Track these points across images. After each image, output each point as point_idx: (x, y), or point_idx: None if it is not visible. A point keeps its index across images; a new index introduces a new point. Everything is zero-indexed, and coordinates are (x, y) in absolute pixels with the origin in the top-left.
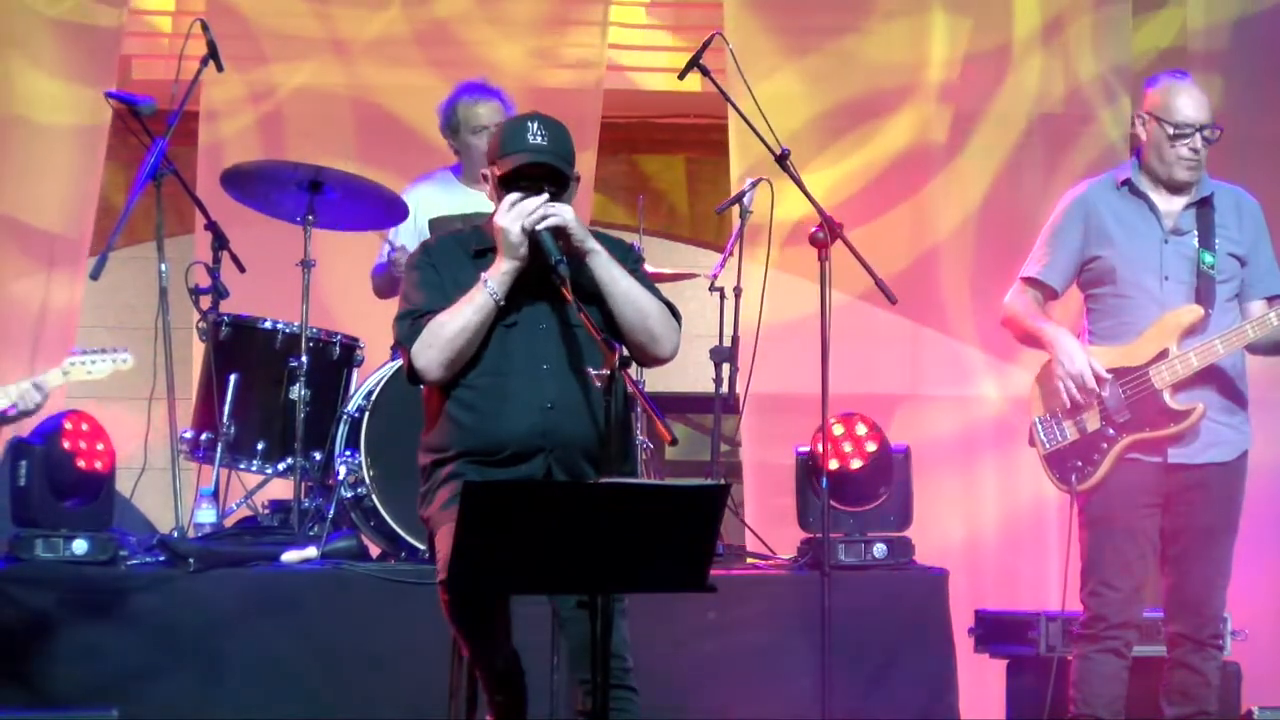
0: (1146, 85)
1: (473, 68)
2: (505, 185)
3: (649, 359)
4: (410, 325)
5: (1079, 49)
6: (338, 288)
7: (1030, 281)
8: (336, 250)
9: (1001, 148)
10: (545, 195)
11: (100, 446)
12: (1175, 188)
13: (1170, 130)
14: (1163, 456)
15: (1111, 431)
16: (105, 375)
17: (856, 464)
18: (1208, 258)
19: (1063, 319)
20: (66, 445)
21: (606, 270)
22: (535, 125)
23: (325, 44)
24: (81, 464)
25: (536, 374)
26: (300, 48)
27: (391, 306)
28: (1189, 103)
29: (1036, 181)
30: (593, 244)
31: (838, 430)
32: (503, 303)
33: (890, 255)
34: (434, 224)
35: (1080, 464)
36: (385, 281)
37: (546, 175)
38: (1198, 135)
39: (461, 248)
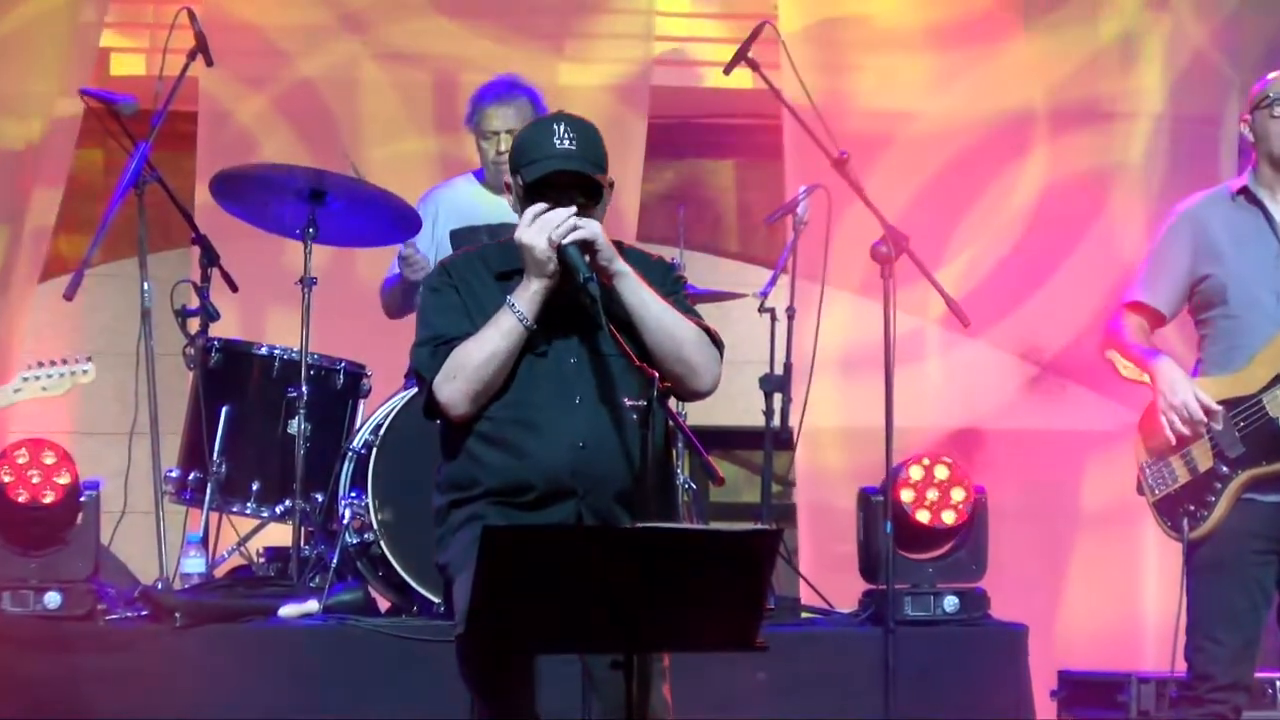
0: (1252, 91)
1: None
2: (530, 195)
3: (686, 392)
4: (430, 354)
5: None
6: (342, 309)
7: (1134, 307)
8: (340, 267)
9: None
10: (573, 209)
11: (61, 479)
12: None
13: (1268, 105)
14: None
15: (1225, 469)
16: (63, 391)
17: (949, 517)
18: None
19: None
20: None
21: (636, 294)
22: (562, 127)
23: (334, 18)
24: (20, 495)
25: (567, 407)
26: (310, 28)
27: (403, 328)
28: None
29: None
30: (620, 265)
31: (916, 474)
32: (533, 327)
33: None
34: (456, 236)
35: (1193, 508)
36: (396, 297)
37: (576, 183)
38: None
39: (485, 266)
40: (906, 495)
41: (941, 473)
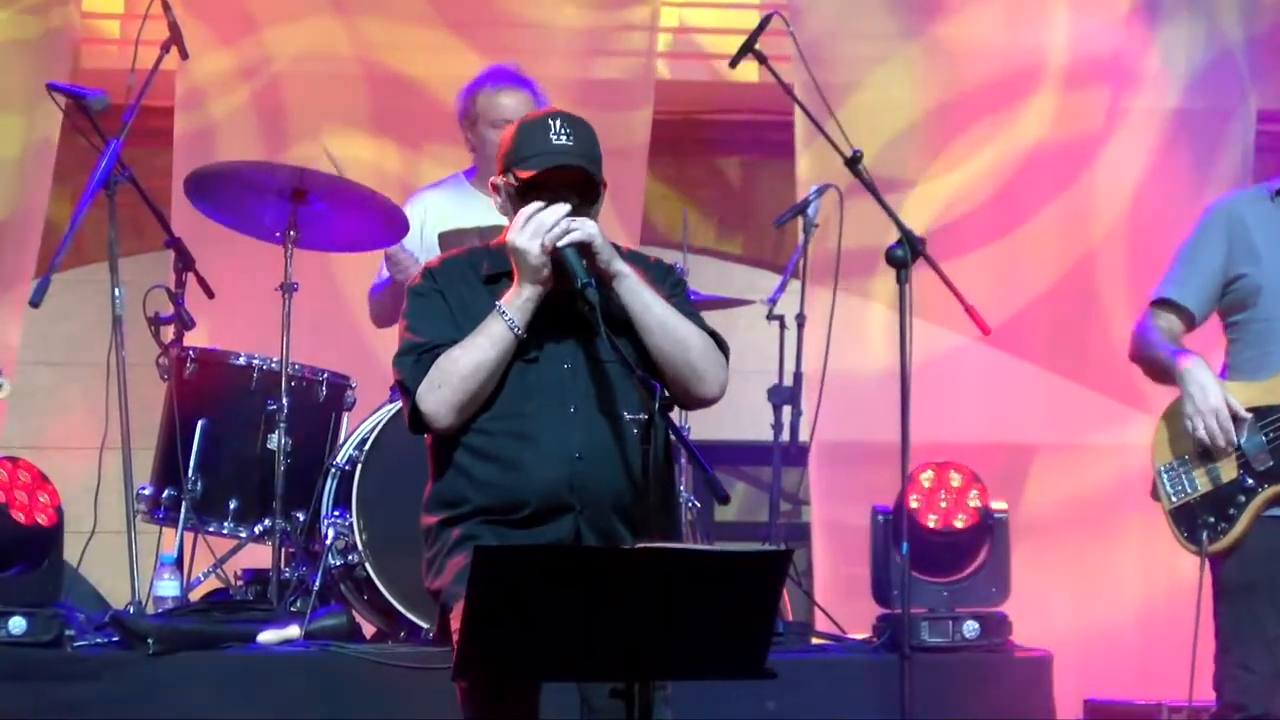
0: None
1: (495, 28)
2: (523, 195)
3: (692, 400)
4: (414, 363)
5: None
6: (325, 316)
7: (1163, 305)
8: (323, 271)
9: (1142, 142)
10: (567, 207)
11: (43, 499)
12: None
13: None
14: None
15: (1250, 482)
16: None
17: (961, 521)
18: None
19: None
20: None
21: (636, 296)
22: (558, 123)
23: (324, 3)
24: (19, 517)
25: (562, 417)
26: (295, 8)
27: (390, 337)
28: None
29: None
30: (620, 266)
31: (927, 481)
32: (524, 335)
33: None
34: (445, 239)
35: (1213, 520)
36: (385, 303)
37: (573, 182)
38: None
39: (472, 269)
40: (915, 502)
41: (956, 480)
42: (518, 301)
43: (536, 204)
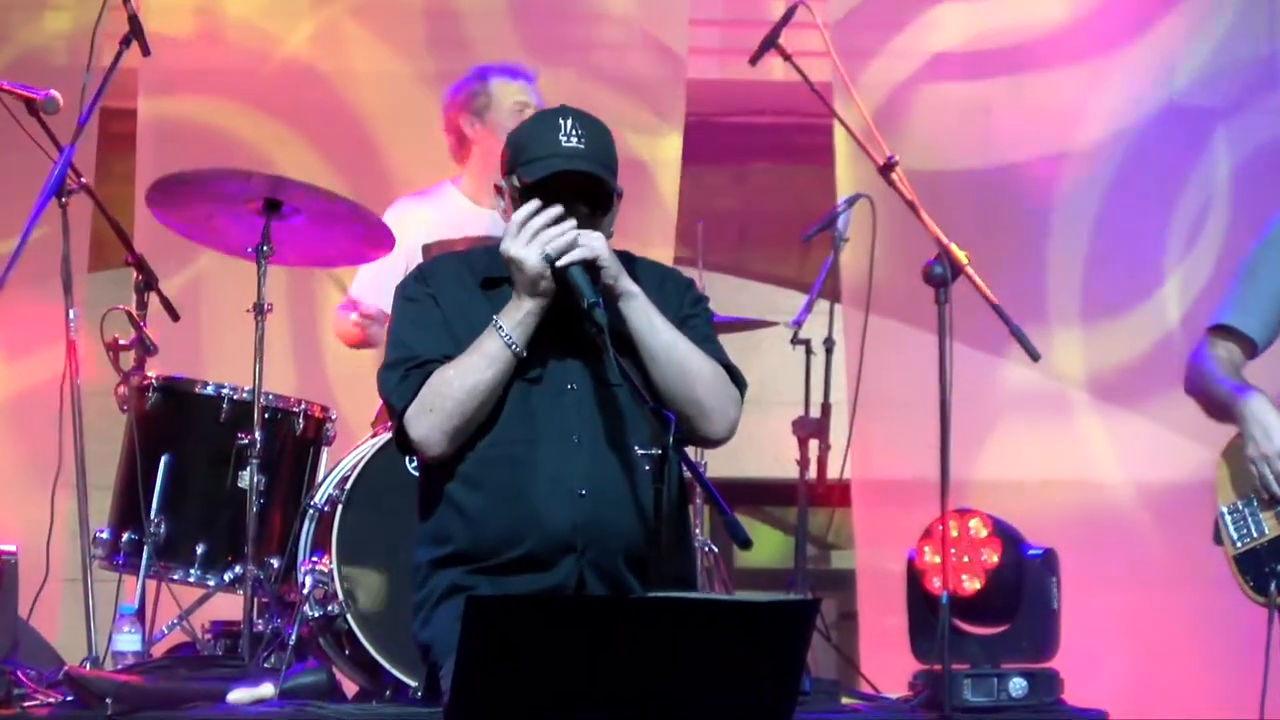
0: None
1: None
2: (528, 200)
3: (695, 438)
4: (401, 379)
5: None
6: (301, 340)
7: (1221, 332)
8: (300, 291)
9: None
10: (560, 209)
11: None
12: None
13: None
14: None
15: None
16: None
17: (973, 585)
18: None
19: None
20: None
21: (644, 318)
22: (569, 123)
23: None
24: None
25: (565, 448)
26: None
27: (371, 362)
28: None
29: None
30: (627, 284)
31: (954, 530)
32: (523, 354)
33: None
34: (429, 252)
35: None
36: (346, 333)
37: (584, 188)
38: None
39: (469, 271)
40: (929, 557)
41: (981, 531)
42: (517, 316)
43: (532, 205)
